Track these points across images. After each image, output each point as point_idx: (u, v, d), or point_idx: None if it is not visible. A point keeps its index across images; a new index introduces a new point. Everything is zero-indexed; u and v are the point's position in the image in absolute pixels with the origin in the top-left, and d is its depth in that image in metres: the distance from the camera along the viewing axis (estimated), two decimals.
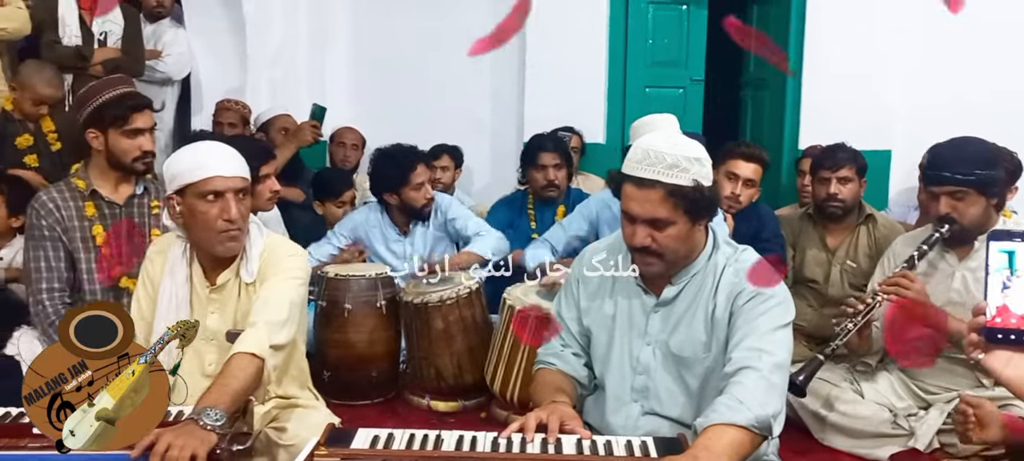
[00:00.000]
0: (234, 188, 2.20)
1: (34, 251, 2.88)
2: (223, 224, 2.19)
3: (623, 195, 1.91)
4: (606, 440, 1.77)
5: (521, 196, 4.16)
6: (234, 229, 2.21)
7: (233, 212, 2.19)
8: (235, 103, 5.04)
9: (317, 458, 1.67)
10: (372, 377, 3.43)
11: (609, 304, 2.05)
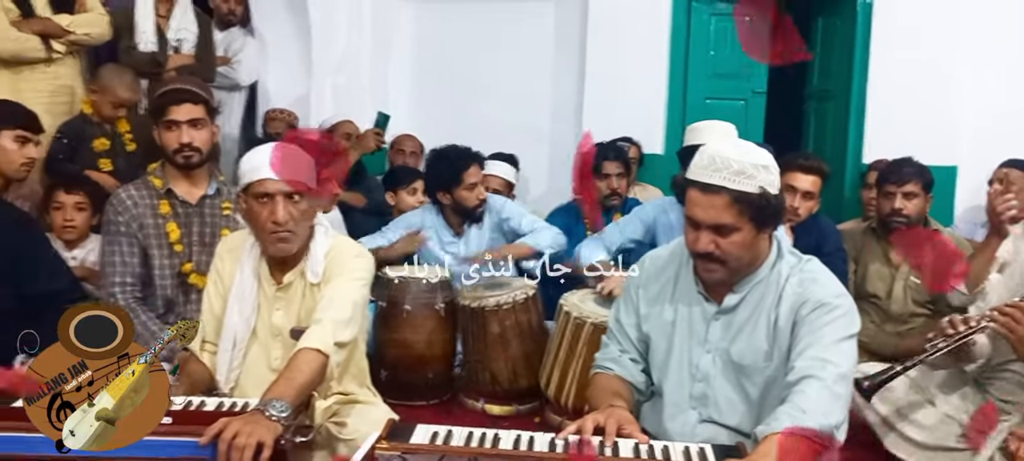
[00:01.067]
0: (284, 191, 2.23)
1: (109, 246, 2.99)
2: (271, 225, 2.24)
3: (687, 200, 1.91)
4: (664, 445, 1.77)
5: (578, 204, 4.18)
6: (282, 231, 2.25)
7: (279, 214, 2.22)
8: (282, 112, 5.18)
9: (378, 451, 1.71)
10: (429, 378, 3.47)
11: (669, 310, 2.05)
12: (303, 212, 2.27)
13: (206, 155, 3.04)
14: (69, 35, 3.92)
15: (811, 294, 1.91)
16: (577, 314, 3.02)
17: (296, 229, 2.27)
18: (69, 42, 3.94)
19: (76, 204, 3.41)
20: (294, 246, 2.30)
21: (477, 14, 5.70)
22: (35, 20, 3.83)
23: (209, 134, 3.04)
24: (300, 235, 2.30)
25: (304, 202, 2.27)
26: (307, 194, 2.28)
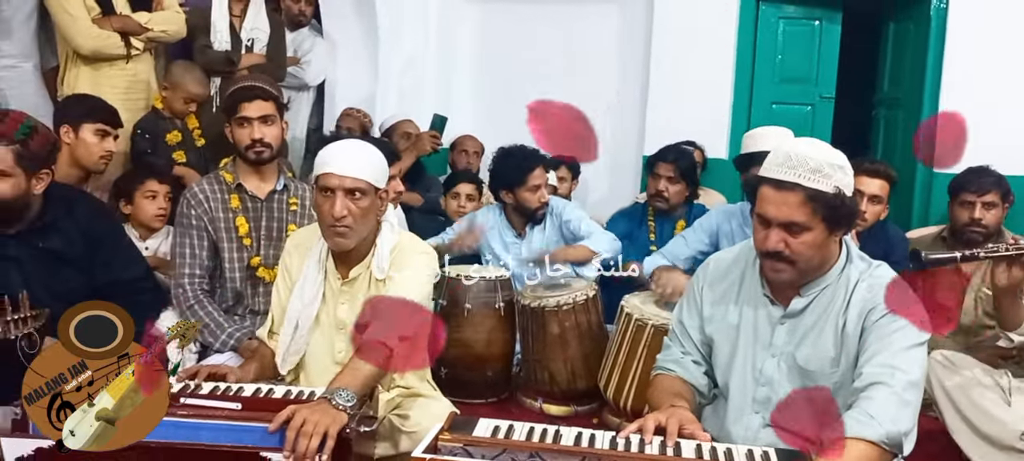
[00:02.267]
0: (345, 187, 2.27)
1: (181, 238, 3.08)
2: (331, 219, 2.28)
3: (759, 197, 1.88)
4: (726, 447, 1.75)
5: (642, 208, 4.16)
6: (340, 226, 2.28)
7: (337, 209, 2.26)
8: (357, 111, 5.25)
9: (441, 442, 1.73)
10: (487, 377, 3.50)
11: (733, 313, 2.03)
12: (363, 209, 2.30)
13: (276, 151, 3.10)
14: (147, 32, 4.05)
15: (881, 300, 1.87)
16: (638, 316, 3.01)
17: (354, 225, 2.30)
18: (147, 39, 4.07)
19: (167, 194, 3.52)
20: (351, 242, 2.33)
21: (541, 17, 5.72)
22: (115, 17, 3.96)
23: (279, 130, 3.11)
24: (359, 232, 2.33)
25: (365, 200, 2.30)
26: (368, 192, 2.31)
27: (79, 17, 3.85)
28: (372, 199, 2.33)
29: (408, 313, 2.27)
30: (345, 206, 2.27)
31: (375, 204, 2.35)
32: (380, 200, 2.37)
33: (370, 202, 2.32)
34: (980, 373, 2.83)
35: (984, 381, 2.83)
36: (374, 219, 2.37)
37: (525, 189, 3.80)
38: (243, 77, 4.34)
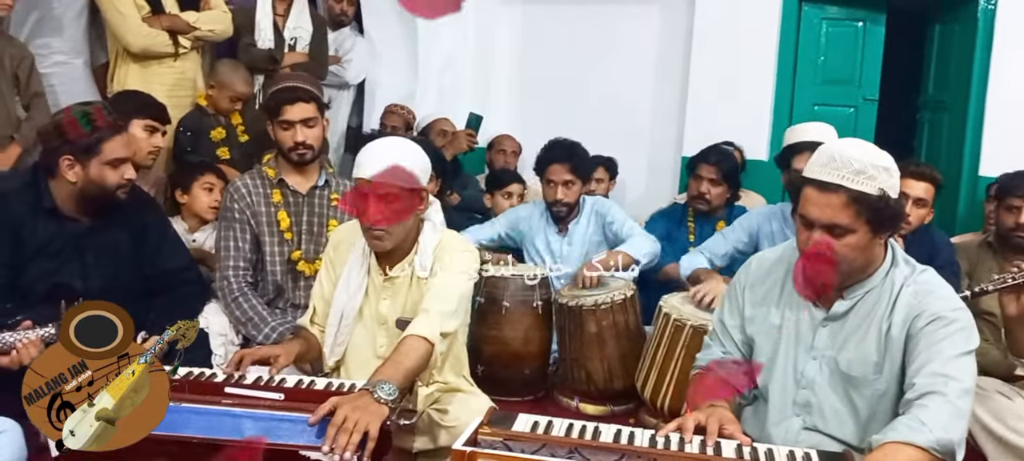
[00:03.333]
0: (377, 192, 2.26)
1: (225, 231, 3.14)
2: (365, 223, 2.30)
3: (802, 198, 1.87)
4: (767, 448, 1.75)
5: (681, 208, 4.14)
6: (375, 230, 2.29)
7: (369, 213, 2.26)
8: (401, 108, 5.29)
9: (481, 436, 1.74)
10: (524, 375, 3.51)
11: (775, 314, 2.02)
12: (396, 212, 2.29)
13: (317, 151, 3.16)
14: (195, 31, 4.13)
15: (927, 306, 1.84)
16: (677, 316, 3.00)
17: (388, 228, 2.29)
18: (194, 38, 4.15)
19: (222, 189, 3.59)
20: (387, 244, 2.33)
21: (580, 17, 5.72)
22: (164, 16, 4.04)
23: (320, 131, 3.16)
24: (394, 234, 2.32)
25: (399, 203, 2.29)
26: (402, 194, 2.28)
27: (129, 15, 3.94)
28: (408, 201, 2.31)
29: (450, 309, 2.30)
30: (378, 211, 2.27)
31: (413, 206, 2.33)
32: (420, 199, 2.37)
33: (405, 205, 2.31)
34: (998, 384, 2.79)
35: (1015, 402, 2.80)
36: (412, 218, 2.36)
37: (544, 181, 3.84)
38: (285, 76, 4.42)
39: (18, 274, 2.67)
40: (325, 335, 2.48)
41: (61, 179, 2.66)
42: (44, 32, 4.03)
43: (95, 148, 2.63)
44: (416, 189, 2.32)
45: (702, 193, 3.90)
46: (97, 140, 2.63)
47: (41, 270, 2.69)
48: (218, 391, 2.10)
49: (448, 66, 5.69)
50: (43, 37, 4.02)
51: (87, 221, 2.75)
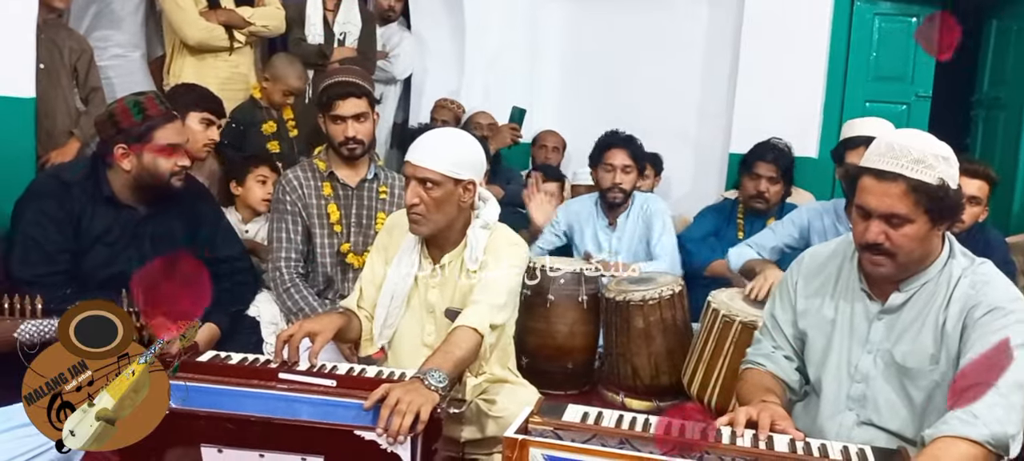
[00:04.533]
0: (419, 177, 2.31)
1: (277, 222, 3.19)
2: (408, 205, 2.35)
3: (859, 189, 1.85)
4: (821, 443, 1.73)
5: (731, 204, 4.10)
6: (413, 213, 2.34)
7: (409, 196, 2.32)
8: (451, 102, 5.32)
9: (531, 425, 1.75)
10: (568, 368, 3.51)
11: (829, 307, 2.00)
12: (436, 199, 2.32)
13: (367, 146, 3.20)
14: (250, 26, 4.20)
15: (984, 297, 1.81)
16: (725, 312, 2.98)
17: (427, 214, 2.34)
18: (249, 33, 4.22)
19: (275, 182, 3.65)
20: (425, 229, 2.37)
21: (628, 13, 5.69)
22: (221, 11, 4.12)
23: (371, 126, 3.20)
24: (433, 220, 2.36)
25: (438, 190, 2.32)
26: (443, 183, 2.32)
27: (188, 9, 4.03)
28: (448, 190, 2.34)
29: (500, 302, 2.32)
30: (416, 194, 2.32)
31: (454, 195, 2.35)
32: (465, 191, 2.39)
33: (445, 193, 2.33)
34: None
35: None
36: (454, 210, 2.38)
37: (601, 167, 3.83)
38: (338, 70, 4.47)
39: (78, 261, 2.75)
40: (374, 318, 2.50)
41: (117, 168, 2.74)
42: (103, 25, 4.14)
43: (147, 136, 2.70)
44: (459, 179, 2.35)
45: (761, 191, 3.86)
46: (148, 128, 2.70)
47: (100, 258, 2.77)
48: (272, 376, 2.14)
49: (495, 61, 5.71)
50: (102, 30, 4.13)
51: (143, 209, 2.82)
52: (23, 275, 2.65)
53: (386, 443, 1.86)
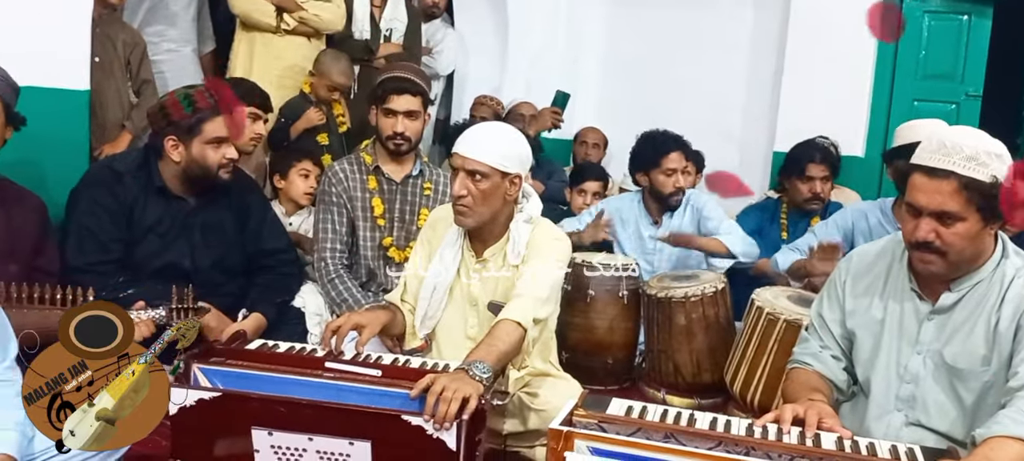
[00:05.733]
0: (468, 168, 2.32)
1: (323, 214, 3.24)
2: (455, 197, 2.36)
3: (909, 186, 1.82)
4: (868, 442, 1.72)
5: (774, 203, 4.07)
6: (458, 205, 2.35)
7: (456, 187, 2.34)
8: (490, 99, 5.34)
9: (576, 417, 1.76)
10: (608, 364, 3.51)
11: (878, 307, 1.97)
12: (483, 192, 2.33)
13: (415, 144, 3.23)
14: (301, 12, 4.22)
15: None
16: (770, 310, 2.96)
17: (474, 206, 2.35)
18: (299, 19, 4.24)
19: (318, 176, 3.69)
20: (470, 221, 2.38)
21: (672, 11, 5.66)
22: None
23: (421, 124, 3.23)
24: (479, 213, 2.37)
25: (486, 182, 2.33)
26: (491, 176, 2.33)
27: None
28: (495, 183, 2.35)
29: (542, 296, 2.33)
30: (463, 185, 2.33)
31: (500, 188, 2.37)
32: (511, 185, 2.40)
33: (492, 185, 2.34)
34: None
35: None
36: (499, 203, 2.39)
37: (660, 172, 3.78)
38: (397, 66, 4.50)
39: (130, 251, 2.81)
40: (416, 309, 2.53)
41: (167, 159, 2.80)
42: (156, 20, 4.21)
43: (196, 128, 2.76)
44: (506, 172, 2.36)
45: (817, 193, 3.81)
46: (198, 120, 2.76)
47: (151, 247, 2.83)
48: (319, 365, 2.19)
49: (536, 58, 5.71)
50: (155, 25, 4.20)
51: (193, 201, 2.88)
52: (77, 263, 2.72)
53: (432, 429, 1.89)
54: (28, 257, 2.60)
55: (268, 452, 2.02)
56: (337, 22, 4.37)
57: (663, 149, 3.76)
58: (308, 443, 1.99)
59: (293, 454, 2.01)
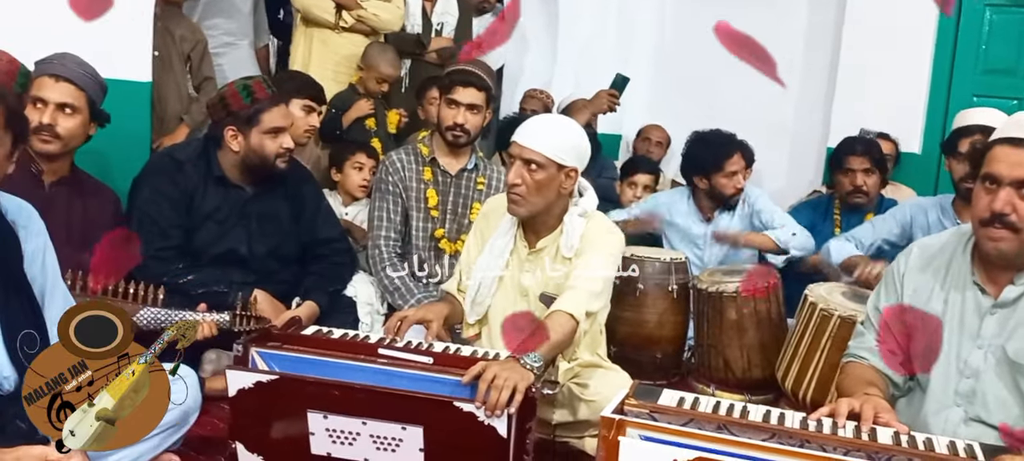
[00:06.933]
0: (525, 158, 2.34)
1: (379, 202, 3.29)
2: (510, 185, 2.38)
3: (988, 159, 1.82)
4: (926, 437, 1.68)
5: (827, 200, 4.01)
6: (515, 193, 2.36)
7: (512, 176, 2.36)
8: (540, 92, 5.35)
9: (627, 407, 1.76)
10: (656, 358, 3.49)
11: (937, 301, 1.94)
12: (538, 182, 2.35)
13: (472, 138, 3.27)
14: (360, 9, 4.29)
15: None
16: (824, 306, 2.92)
17: (527, 195, 2.36)
18: (357, 17, 4.30)
19: (372, 168, 3.74)
20: (523, 210, 2.39)
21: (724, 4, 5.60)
22: None
23: (481, 120, 3.28)
24: (532, 203, 2.38)
25: (542, 173, 2.35)
26: (547, 167, 2.35)
27: None
28: (551, 174, 2.36)
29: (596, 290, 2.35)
30: (519, 174, 2.34)
31: (555, 180, 2.38)
32: (567, 178, 2.41)
33: (548, 176, 2.36)
34: None
35: None
36: (553, 194, 2.40)
37: (722, 175, 3.75)
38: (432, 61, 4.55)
39: (190, 238, 2.89)
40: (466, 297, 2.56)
41: (226, 149, 2.87)
42: (214, 14, 4.29)
43: (255, 118, 2.82)
44: (562, 165, 2.37)
45: (859, 186, 3.75)
46: (256, 111, 2.82)
47: (210, 235, 2.90)
48: (372, 351, 2.22)
49: (586, 53, 5.71)
50: (213, 18, 4.28)
51: (250, 190, 2.94)
52: None
53: (483, 416, 1.91)
54: None
55: (323, 435, 2.06)
56: (395, 22, 4.43)
57: (724, 153, 3.73)
58: (362, 427, 2.03)
59: (347, 437, 2.05)
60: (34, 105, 2.55)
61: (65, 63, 2.64)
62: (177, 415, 2.08)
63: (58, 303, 1.97)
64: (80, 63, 2.67)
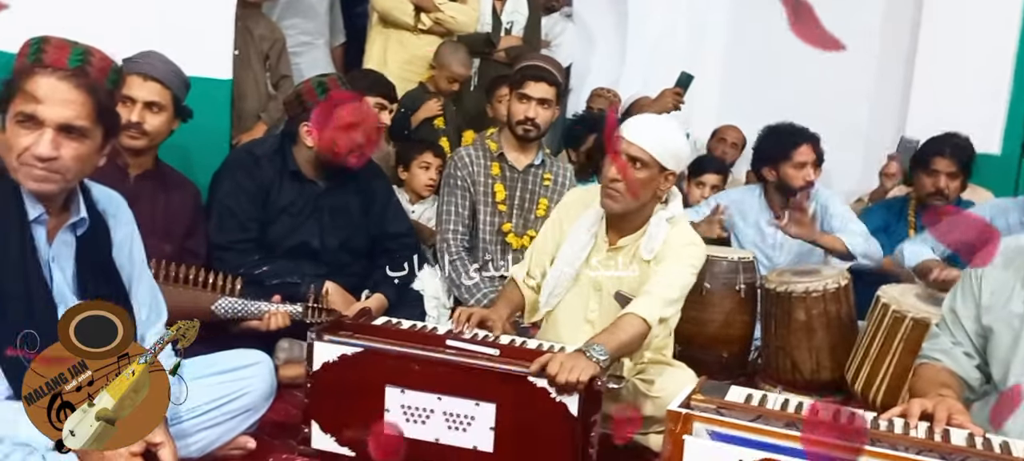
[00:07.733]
0: (632, 154, 2.35)
1: (447, 197, 3.35)
2: (605, 179, 2.39)
3: None
4: (1002, 440, 1.65)
5: (901, 201, 3.91)
6: (613, 188, 2.37)
7: (612, 171, 2.36)
8: (607, 91, 5.34)
9: (694, 402, 1.77)
10: (722, 358, 3.45)
11: (1018, 302, 1.89)
12: (640, 180, 2.36)
13: (541, 132, 3.30)
14: (438, 12, 4.36)
15: None
16: (896, 307, 2.86)
17: (625, 191, 2.37)
18: (435, 20, 4.38)
19: (438, 167, 3.79)
20: (619, 206, 2.41)
21: None
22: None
23: (551, 115, 3.31)
24: (627, 201, 2.39)
25: (644, 171, 2.36)
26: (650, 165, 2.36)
27: None
28: (652, 174, 2.38)
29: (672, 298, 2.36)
30: (622, 170, 2.35)
31: (655, 181, 2.39)
32: (665, 181, 2.42)
33: (649, 176, 2.37)
34: None
35: None
36: (649, 195, 2.41)
37: (790, 165, 3.67)
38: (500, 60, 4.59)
39: (265, 230, 2.98)
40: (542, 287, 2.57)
41: (301, 144, 2.95)
42: (292, 13, 4.40)
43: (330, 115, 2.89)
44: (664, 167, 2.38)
45: (940, 189, 3.64)
46: None
47: (284, 228, 2.99)
48: (441, 341, 2.28)
49: (656, 52, 5.67)
50: (291, 18, 4.39)
51: (323, 184, 3.02)
52: (219, 241, 2.91)
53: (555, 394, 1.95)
54: (181, 239, 2.80)
55: (398, 411, 2.16)
56: (471, 24, 4.48)
57: (792, 142, 3.65)
58: (436, 403, 2.11)
59: (421, 414, 2.14)
60: (123, 103, 2.64)
61: (152, 62, 2.74)
62: (252, 399, 2.13)
63: (144, 290, 2.07)
64: (165, 61, 2.78)
